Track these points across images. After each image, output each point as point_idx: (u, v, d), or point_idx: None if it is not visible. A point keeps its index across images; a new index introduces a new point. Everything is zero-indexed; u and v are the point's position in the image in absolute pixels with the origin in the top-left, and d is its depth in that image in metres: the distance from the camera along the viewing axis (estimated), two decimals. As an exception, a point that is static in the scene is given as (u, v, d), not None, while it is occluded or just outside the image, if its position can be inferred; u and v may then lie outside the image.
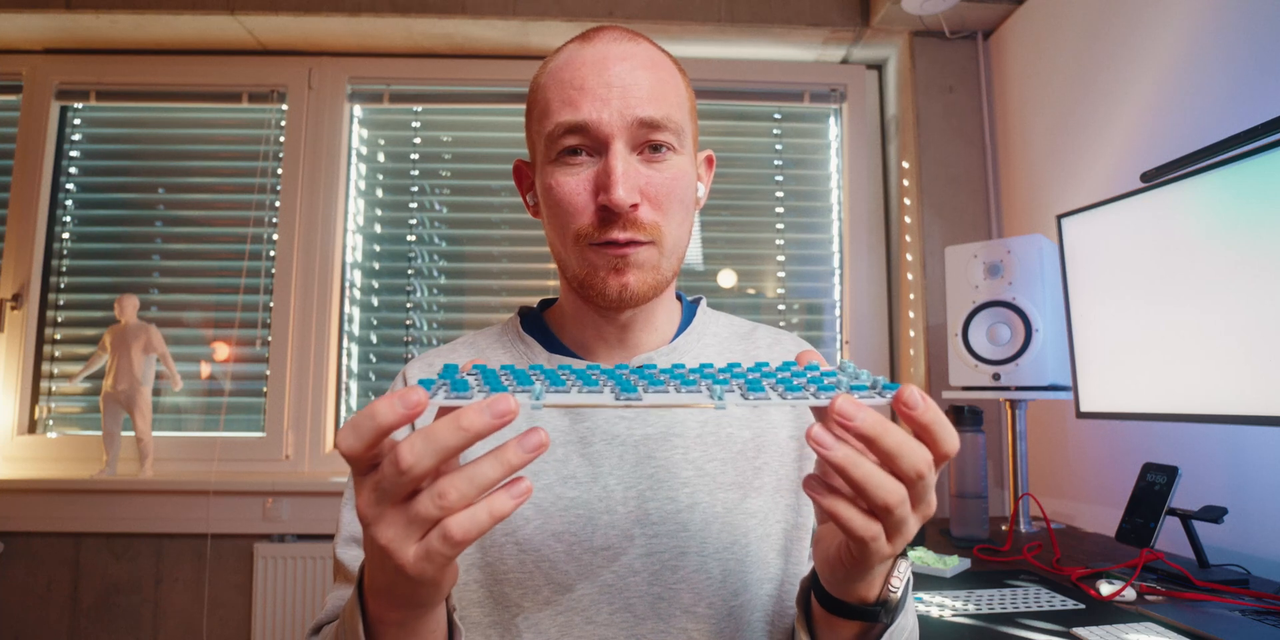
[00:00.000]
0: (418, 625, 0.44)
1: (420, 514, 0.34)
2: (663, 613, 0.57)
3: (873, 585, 0.45)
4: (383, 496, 0.35)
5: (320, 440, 1.91)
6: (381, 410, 0.34)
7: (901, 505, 0.37)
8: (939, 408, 0.38)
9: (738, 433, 0.63)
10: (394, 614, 0.42)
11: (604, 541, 0.58)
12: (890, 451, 0.36)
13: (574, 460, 0.60)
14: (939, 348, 1.78)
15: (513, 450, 0.35)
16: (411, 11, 1.85)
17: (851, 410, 0.36)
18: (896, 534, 0.39)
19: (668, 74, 0.61)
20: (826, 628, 0.48)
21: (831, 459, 0.36)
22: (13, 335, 1.91)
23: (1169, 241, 1.08)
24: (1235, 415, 0.97)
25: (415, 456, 0.33)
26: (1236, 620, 0.85)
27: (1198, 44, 1.23)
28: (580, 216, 0.58)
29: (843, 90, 2.05)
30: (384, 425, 0.34)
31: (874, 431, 0.36)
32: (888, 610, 0.45)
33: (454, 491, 0.34)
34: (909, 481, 0.37)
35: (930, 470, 0.37)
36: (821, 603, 0.47)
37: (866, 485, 0.36)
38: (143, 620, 1.80)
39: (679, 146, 0.60)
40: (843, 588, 0.45)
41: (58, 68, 1.99)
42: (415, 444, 0.34)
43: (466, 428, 0.34)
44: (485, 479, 0.34)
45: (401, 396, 0.34)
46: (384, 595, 0.41)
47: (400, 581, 0.38)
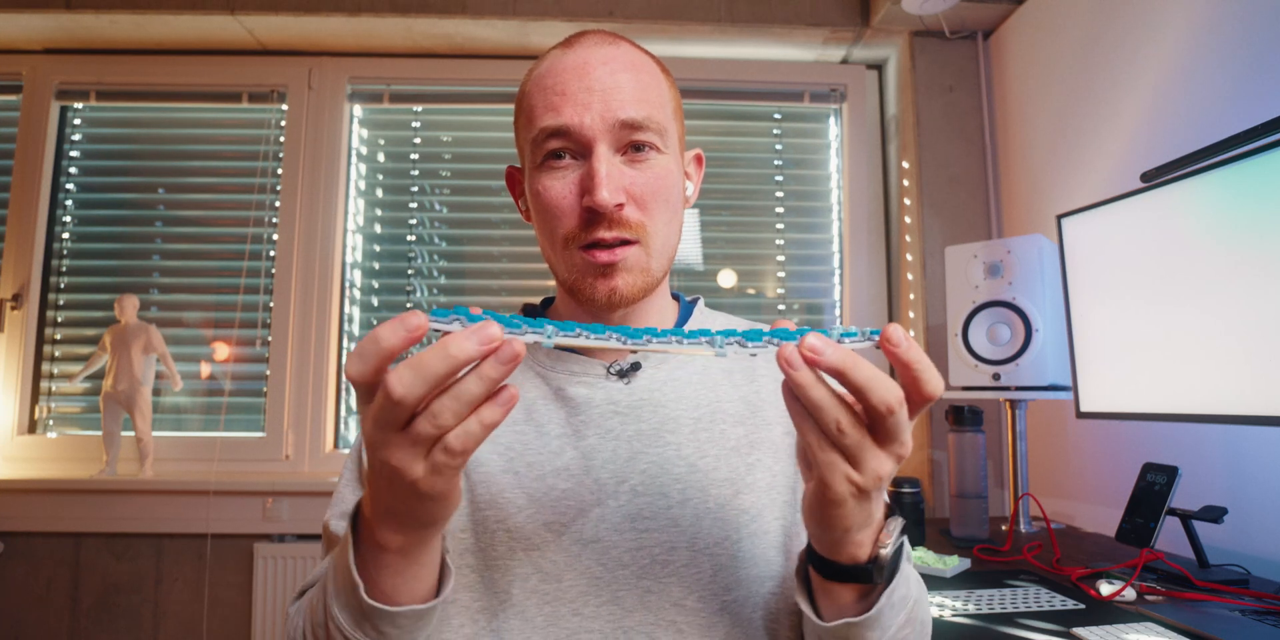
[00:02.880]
0: (419, 552, 0.45)
1: (421, 435, 0.37)
2: (651, 605, 0.57)
3: (862, 544, 0.45)
4: (384, 423, 0.37)
5: (320, 440, 1.91)
6: (384, 335, 0.36)
7: (853, 429, 0.39)
8: (922, 350, 0.40)
9: (731, 429, 0.64)
10: (397, 539, 0.44)
11: (594, 534, 0.58)
12: (860, 384, 0.38)
13: (568, 453, 0.61)
14: (939, 348, 1.78)
15: (490, 365, 0.36)
16: (411, 11, 1.85)
17: (820, 345, 0.38)
18: (857, 463, 0.40)
19: (649, 75, 0.62)
20: (824, 595, 0.49)
21: (794, 378, 0.39)
22: (13, 335, 1.91)
23: (1169, 241, 1.08)
24: (1235, 415, 0.97)
25: (405, 387, 0.36)
26: (1236, 620, 0.85)
27: (1197, 44, 1.23)
28: (566, 219, 0.59)
29: (843, 90, 2.05)
30: (387, 349, 0.36)
31: (843, 364, 0.38)
32: (879, 569, 0.45)
33: (446, 412, 0.37)
34: (878, 415, 0.39)
35: (900, 406, 0.39)
36: (816, 568, 0.48)
37: (820, 407, 0.39)
38: (143, 620, 1.80)
39: (663, 146, 0.61)
40: (831, 546, 0.45)
41: (58, 68, 1.99)
42: (404, 375, 0.36)
43: (455, 355, 0.35)
44: (471, 395, 0.37)
45: (402, 320, 0.36)
46: (390, 518, 0.43)
47: (410, 499, 0.40)
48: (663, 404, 0.63)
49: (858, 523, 0.43)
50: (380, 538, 0.44)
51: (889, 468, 0.41)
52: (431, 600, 0.48)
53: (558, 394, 0.64)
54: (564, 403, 0.63)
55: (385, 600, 0.45)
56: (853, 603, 0.48)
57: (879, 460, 0.40)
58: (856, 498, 0.41)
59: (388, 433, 0.37)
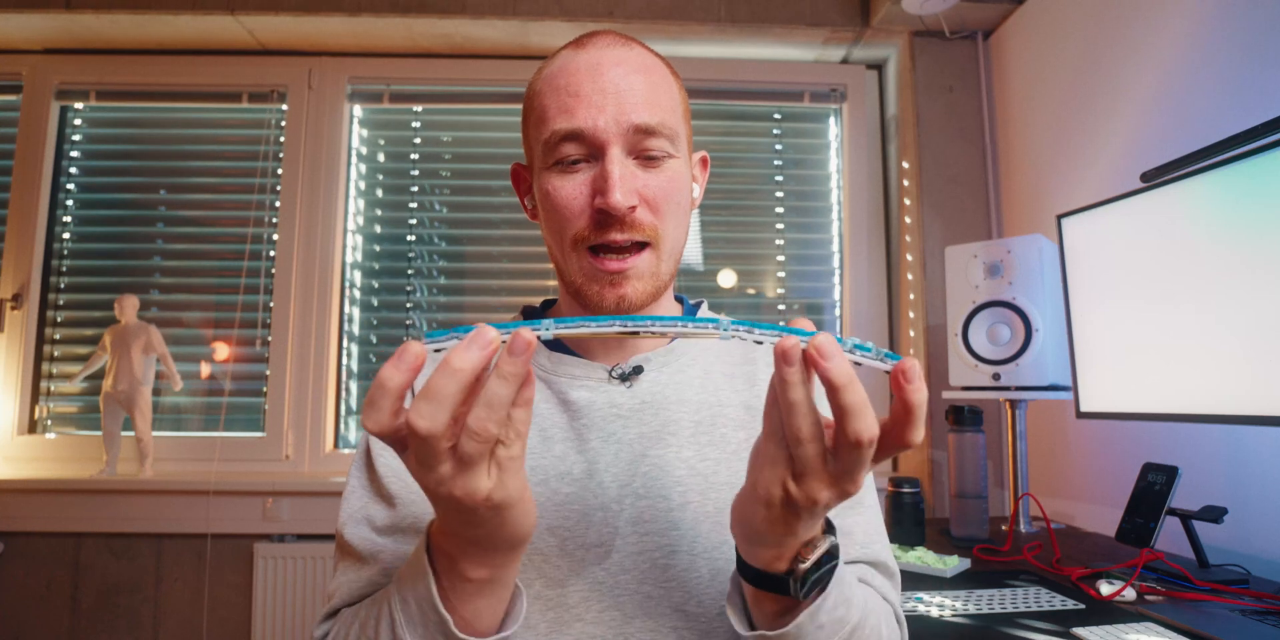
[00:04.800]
0: (505, 579, 0.45)
1: (470, 455, 0.36)
2: (652, 611, 0.57)
3: (780, 556, 0.43)
4: (428, 462, 0.36)
5: (320, 440, 1.90)
6: (387, 376, 0.35)
7: (811, 443, 0.38)
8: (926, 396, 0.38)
9: (732, 434, 0.64)
10: (483, 571, 0.43)
11: (597, 538, 0.58)
12: (846, 407, 0.36)
13: (571, 457, 0.61)
14: (939, 348, 1.78)
15: (507, 363, 0.36)
16: (411, 11, 1.85)
17: (829, 349, 0.36)
18: (800, 477, 0.39)
19: (661, 78, 0.62)
20: (753, 600, 0.47)
21: (782, 372, 0.37)
22: (13, 335, 1.91)
23: (1169, 241, 1.08)
24: (1235, 415, 0.97)
25: (428, 420, 0.35)
26: (1236, 620, 0.85)
27: (1197, 44, 1.23)
28: (577, 220, 0.59)
29: (843, 90, 2.05)
30: (395, 390, 0.36)
31: (841, 379, 0.36)
32: (796, 582, 0.43)
33: (487, 423, 0.36)
34: (847, 445, 0.37)
35: (871, 445, 0.37)
36: (740, 569, 0.47)
37: (793, 409, 0.37)
38: (143, 620, 1.80)
39: (675, 151, 0.61)
40: (748, 547, 0.44)
41: (58, 68, 1.99)
42: (422, 409, 0.35)
43: (460, 368, 0.35)
44: (501, 399, 0.36)
45: (400, 356, 0.35)
46: (474, 549, 0.42)
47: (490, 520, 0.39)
48: (664, 407, 0.63)
49: (775, 533, 0.42)
50: (466, 573, 0.43)
51: (826, 497, 0.39)
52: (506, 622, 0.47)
53: (559, 398, 0.64)
54: (566, 407, 0.63)
55: (467, 629, 0.44)
56: (776, 615, 0.46)
57: (820, 484, 0.39)
58: (783, 506, 0.40)
59: (436, 469, 0.36)
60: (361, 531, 0.60)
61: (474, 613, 0.45)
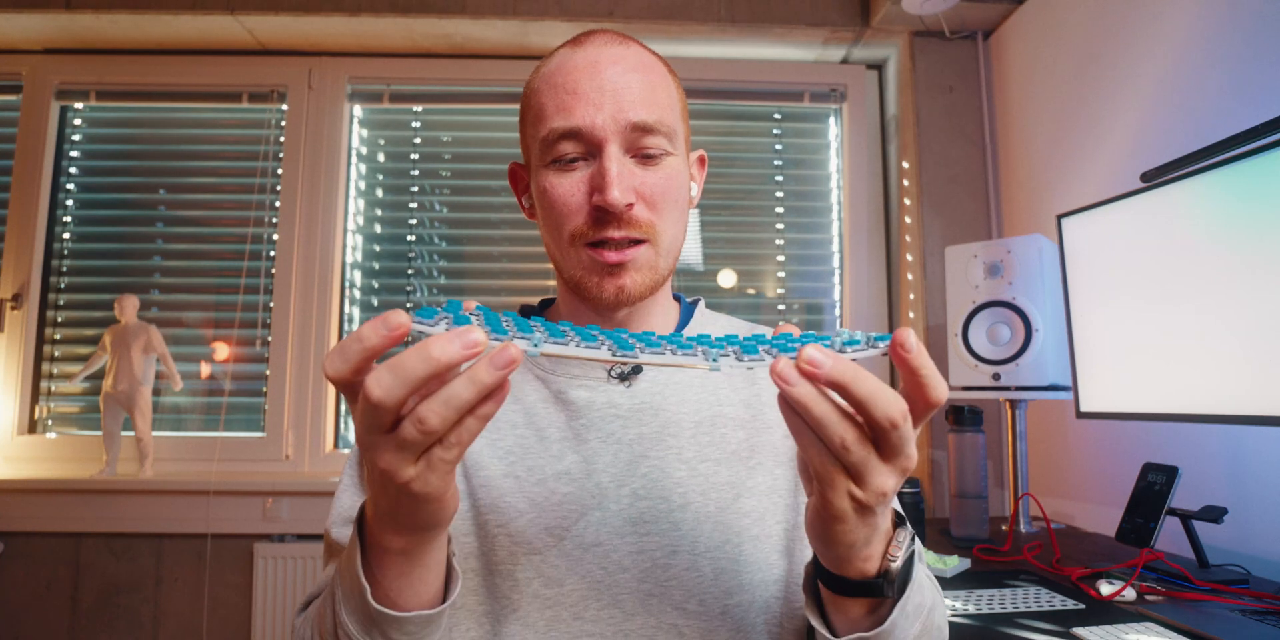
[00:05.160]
0: (421, 554, 0.44)
1: (407, 439, 0.35)
2: (653, 609, 0.57)
3: (870, 558, 0.43)
4: (368, 426, 0.36)
5: (320, 440, 1.90)
6: (366, 333, 0.35)
7: (858, 446, 0.37)
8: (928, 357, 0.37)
9: (732, 433, 0.64)
10: (399, 541, 0.43)
11: (595, 538, 0.58)
12: (862, 398, 0.36)
13: (569, 457, 0.61)
14: (939, 348, 1.78)
15: (484, 369, 0.35)
16: (411, 11, 1.85)
17: (819, 358, 0.36)
18: (861, 479, 0.38)
19: (659, 76, 0.62)
20: (835, 609, 0.47)
21: (792, 395, 0.36)
22: (13, 335, 1.91)
23: (1169, 242, 1.08)
24: (1235, 415, 0.97)
25: (384, 389, 0.34)
26: (1236, 620, 0.85)
27: (1197, 44, 1.23)
28: (575, 217, 0.59)
29: (843, 90, 2.05)
30: (369, 348, 0.35)
31: (844, 378, 0.35)
32: (889, 582, 0.43)
33: (433, 416, 0.35)
34: (882, 430, 0.36)
35: (905, 420, 0.36)
36: (825, 583, 0.46)
37: (823, 424, 0.36)
38: (143, 620, 1.80)
39: (672, 149, 0.61)
40: (838, 561, 0.43)
41: (58, 68, 1.99)
42: (383, 377, 0.34)
43: (436, 357, 0.34)
44: (461, 401, 0.35)
45: (384, 319, 0.34)
46: (390, 519, 0.41)
47: (405, 500, 0.39)
48: (664, 407, 0.63)
49: (862, 538, 0.41)
50: (382, 540, 0.43)
51: (893, 482, 0.39)
52: (438, 605, 0.47)
53: (558, 397, 0.63)
54: (564, 406, 0.63)
55: (391, 605, 0.44)
56: (864, 616, 0.46)
57: (883, 476, 0.38)
58: (859, 513, 0.39)
59: (374, 435, 0.36)
60: (347, 530, 0.60)
61: (396, 589, 0.45)
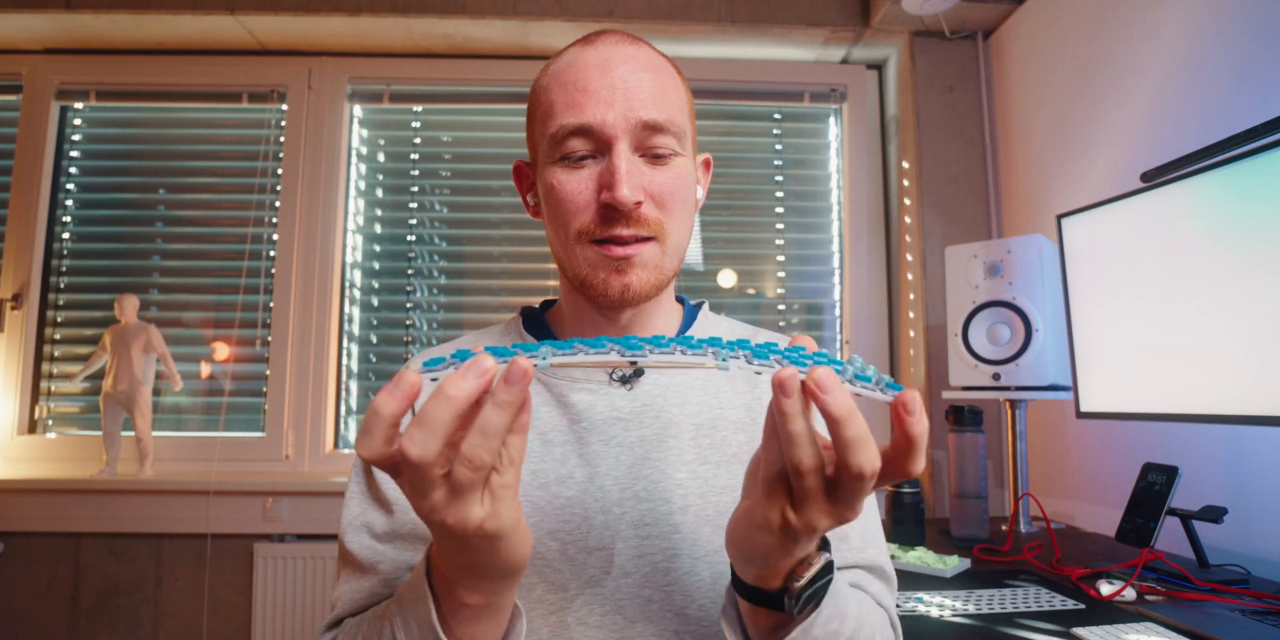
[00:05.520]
0: (503, 603, 0.45)
1: (463, 483, 0.36)
2: (653, 616, 0.57)
3: (776, 573, 0.43)
4: (421, 489, 0.36)
5: (320, 440, 1.90)
6: (381, 403, 0.35)
7: (813, 474, 0.37)
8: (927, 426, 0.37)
9: (733, 436, 0.64)
10: (479, 598, 0.43)
11: (598, 542, 0.58)
12: (848, 440, 0.36)
13: (571, 460, 0.61)
14: (939, 348, 1.78)
15: (503, 390, 0.35)
16: (411, 11, 1.85)
17: (829, 384, 0.36)
18: (799, 506, 0.38)
19: (669, 77, 0.62)
20: (748, 616, 0.47)
21: (781, 405, 0.36)
22: (13, 335, 1.91)
23: (1169, 242, 1.08)
24: (1235, 415, 0.97)
25: (420, 447, 0.34)
26: (1236, 620, 0.85)
27: (1197, 44, 1.23)
28: (582, 214, 0.58)
29: (843, 90, 2.05)
30: (389, 417, 0.35)
31: (841, 413, 0.35)
32: (792, 599, 0.43)
33: (480, 451, 0.35)
34: (848, 476, 0.36)
35: (872, 478, 0.36)
36: (736, 586, 0.47)
37: (794, 441, 0.37)
38: (143, 620, 1.80)
39: (681, 149, 0.61)
40: (743, 565, 0.44)
41: (58, 68, 1.99)
42: (414, 436, 0.34)
43: (455, 396, 0.34)
44: (496, 427, 0.35)
45: (395, 384, 0.35)
46: (472, 576, 0.42)
47: (485, 549, 0.39)
48: (665, 410, 0.63)
49: (774, 554, 0.41)
50: (462, 597, 0.43)
51: (825, 524, 0.39)
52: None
53: (560, 401, 0.63)
54: (566, 409, 0.63)
55: None
56: (771, 629, 0.46)
57: (819, 513, 0.38)
58: (782, 532, 0.40)
59: (430, 496, 0.36)
60: (361, 539, 0.60)
61: (471, 635, 0.45)
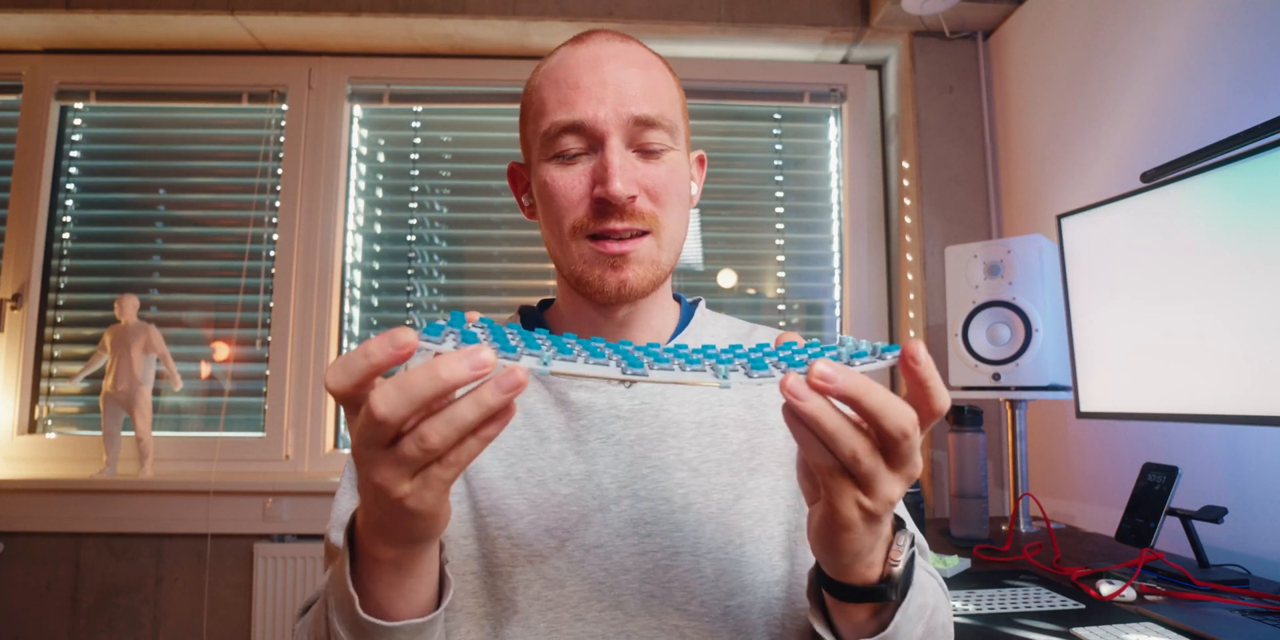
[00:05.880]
0: (412, 564, 0.44)
1: (405, 456, 0.35)
2: (654, 610, 0.57)
3: (873, 564, 0.44)
4: (368, 440, 0.35)
5: (320, 440, 1.90)
6: (372, 350, 0.34)
7: (868, 456, 0.37)
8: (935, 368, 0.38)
9: (733, 434, 0.63)
10: (389, 552, 0.42)
11: (596, 539, 0.58)
12: (873, 411, 0.36)
13: (569, 457, 0.61)
14: (939, 348, 1.78)
15: (490, 391, 0.35)
16: (411, 11, 1.85)
17: (830, 372, 0.36)
18: (870, 489, 0.38)
19: (659, 73, 0.62)
20: (840, 614, 0.47)
21: (803, 409, 0.36)
22: (13, 335, 1.91)
23: (1169, 241, 1.08)
24: (1235, 415, 0.97)
25: (389, 407, 0.34)
26: (1236, 620, 0.85)
27: (1197, 44, 1.23)
28: (576, 209, 0.59)
29: (843, 90, 2.05)
30: (374, 364, 0.35)
31: (855, 391, 0.36)
32: (893, 586, 0.44)
33: (435, 435, 0.34)
34: (893, 440, 0.37)
35: (915, 429, 0.37)
36: (828, 589, 0.46)
37: (836, 437, 0.36)
38: (143, 620, 1.80)
39: (674, 144, 0.61)
40: (842, 569, 0.44)
41: (58, 68, 1.99)
42: (389, 394, 0.34)
43: (444, 377, 0.34)
44: (464, 421, 0.35)
45: (392, 336, 0.34)
46: (379, 531, 0.41)
47: (397, 515, 0.38)
48: (665, 408, 0.63)
49: (867, 546, 0.42)
50: (373, 550, 0.42)
51: (900, 491, 0.39)
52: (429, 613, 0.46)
53: (558, 398, 0.63)
54: (565, 407, 0.63)
55: (381, 614, 0.44)
56: (868, 620, 0.46)
57: (891, 484, 0.39)
58: (868, 522, 0.40)
59: (372, 450, 0.36)
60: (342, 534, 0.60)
61: (388, 599, 0.44)
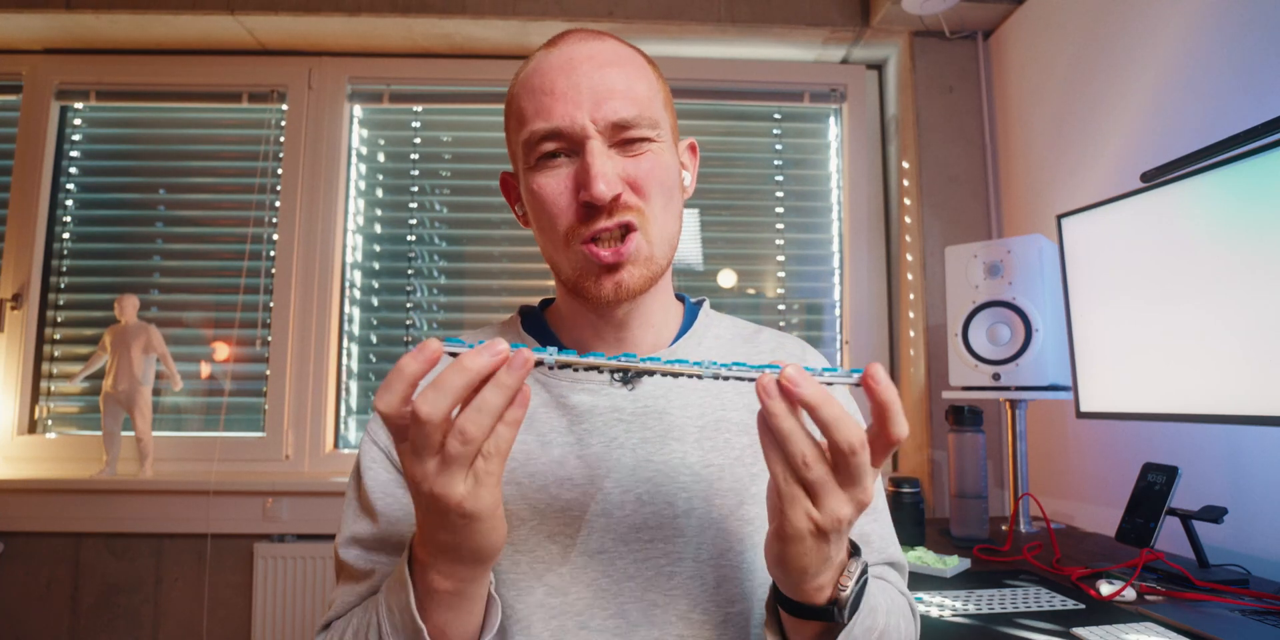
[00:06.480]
0: (472, 591, 0.47)
1: (453, 455, 0.40)
2: (657, 619, 0.57)
3: (822, 587, 0.47)
4: (419, 453, 0.40)
5: (320, 440, 1.90)
6: (406, 364, 0.40)
7: (817, 463, 0.41)
8: (898, 394, 0.42)
9: (736, 438, 0.63)
10: (449, 582, 0.46)
11: (599, 545, 0.58)
12: (827, 421, 0.41)
13: (571, 462, 0.60)
14: (939, 348, 1.78)
15: (504, 373, 0.40)
16: (411, 11, 1.85)
17: (798, 378, 0.41)
18: (819, 501, 0.42)
19: (636, 69, 0.61)
20: (792, 629, 0.50)
21: (768, 406, 0.41)
22: (13, 335, 1.91)
23: (1169, 242, 1.08)
24: (1235, 415, 0.97)
25: (430, 404, 0.39)
26: (1236, 620, 0.85)
27: (1197, 44, 1.23)
28: (565, 215, 0.58)
29: (843, 90, 2.05)
30: (410, 376, 0.40)
31: (814, 399, 0.40)
32: (840, 609, 0.47)
33: (471, 426, 0.39)
34: (841, 454, 0.41)
35: (863, 448, 0.41)
36: (783, 605, 0.49)
37: (789, 438, 0.41)
38: (143, 620, 1.80)
39: (656, 137, 0.60)
40: (792, 587, 0.47)
41: (58, 68, 1.99)
42: (428, 395, 0.39)
43: (470, 367, 0.39)
44: (493, 405, 0.39)
45: (419, 350, 0.40)
46: (444, 556, 0.45)
47: (460, 527, 0.42)
48: (667, 411, 0.62)
49: (815, 564, 0.45)
50: (434, 583, 0.46)
51: (848, 511, 0.42)
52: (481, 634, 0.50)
53: (559, 402, 0.63)
54: (566, 410, 0.62)
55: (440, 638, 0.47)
56: (817, 636, 0.49)
57: (839, 501, 0.42)
58: (815, 537, 0.43)
59: (424, 461, 0.40)
60: (354, 551, 0.60)
61: (444, 622, 0.47)
